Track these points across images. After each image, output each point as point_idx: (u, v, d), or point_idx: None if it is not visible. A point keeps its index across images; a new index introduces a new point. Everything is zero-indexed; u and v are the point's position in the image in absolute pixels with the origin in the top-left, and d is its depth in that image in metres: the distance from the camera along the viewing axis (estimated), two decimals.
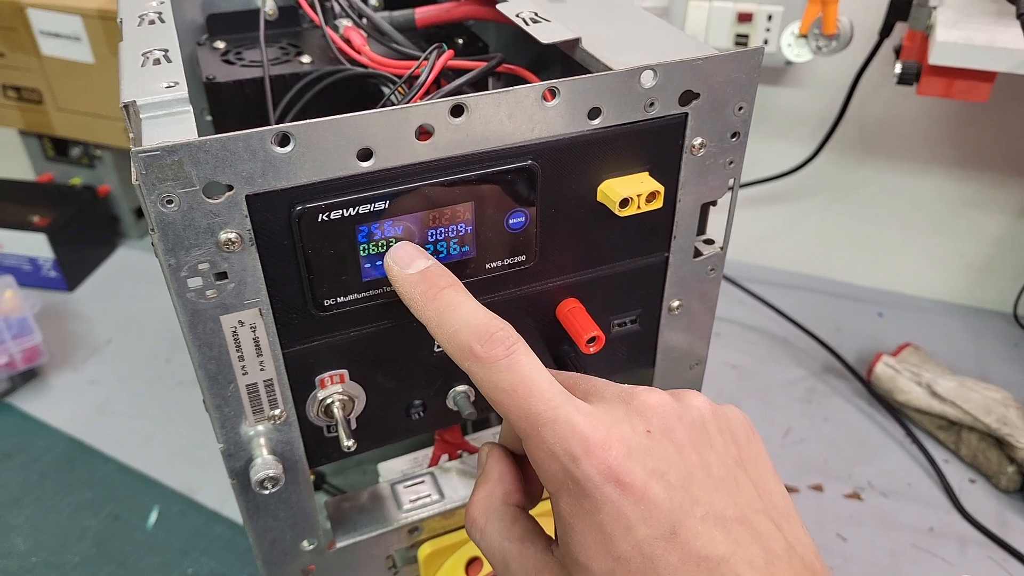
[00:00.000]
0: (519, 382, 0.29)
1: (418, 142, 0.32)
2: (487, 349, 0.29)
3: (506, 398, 0.29)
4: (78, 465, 0.83)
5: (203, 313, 0.32)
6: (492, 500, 0.32)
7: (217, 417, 0.35)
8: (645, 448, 0.28)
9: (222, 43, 0.53)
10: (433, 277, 0.33)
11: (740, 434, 0.31)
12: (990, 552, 0.75)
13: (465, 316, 0.31)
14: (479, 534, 0.32)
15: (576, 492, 0.28)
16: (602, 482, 0.27)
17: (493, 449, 0.34)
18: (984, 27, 0.71)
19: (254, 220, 0.31)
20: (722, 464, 0.29)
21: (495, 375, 0.29)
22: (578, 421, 0.28)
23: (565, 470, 0.28)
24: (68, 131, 1.08)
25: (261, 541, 0.40)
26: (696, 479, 0.28)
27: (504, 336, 0.30)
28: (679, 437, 0.29)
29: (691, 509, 0.27)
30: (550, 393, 0.29)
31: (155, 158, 0.28)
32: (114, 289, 1.09)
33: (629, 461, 0.27)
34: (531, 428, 0.28)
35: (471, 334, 0.30)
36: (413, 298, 0.33)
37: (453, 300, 0.32)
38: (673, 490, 0.27)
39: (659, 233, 0.40)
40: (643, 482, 0.27)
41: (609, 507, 0.27)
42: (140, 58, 0.36)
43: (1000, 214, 0.98)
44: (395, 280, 0.33)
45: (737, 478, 0.29)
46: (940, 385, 0.85)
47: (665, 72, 0.35)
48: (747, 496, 0.28)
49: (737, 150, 0.38)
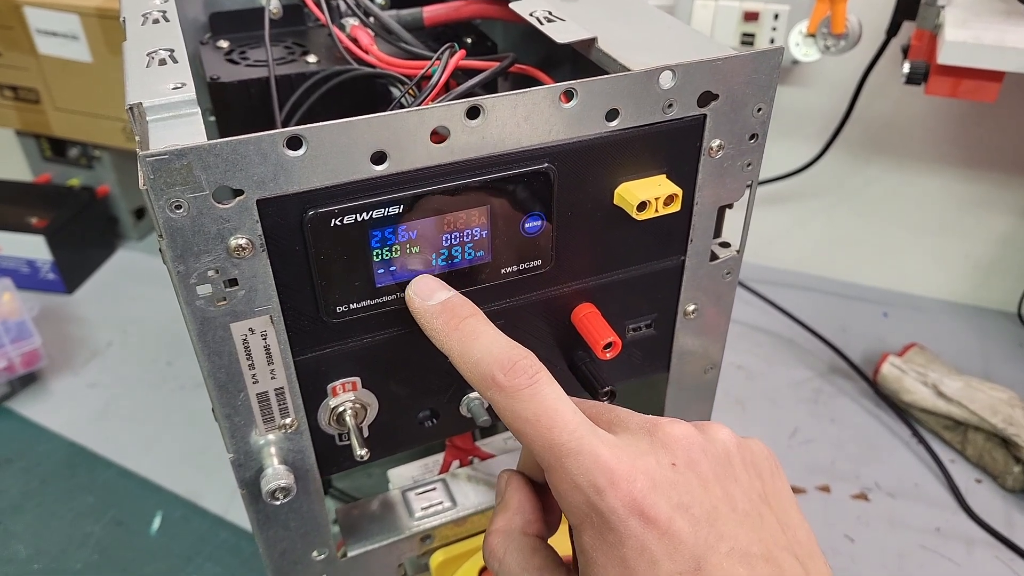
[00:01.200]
0: (542, 412, 0.28)
1: (433, 145, 0.32)
2: (510, 378, 0.29)
3: (529, 428, 0.28)
4: (79, 470, 0.82)
5: (213, 321, 0.31)
6: (511, 530, 0.32)
7: (227, 427, 0.34)
8: (670, 481, 0.27)
9: (225, 42, 0.52)
10: (455, 307, 0.32)
11: (764, 468, 0.30)
12: (997, 552, 0.74)
13: (487, 345, 0.30)
14: (497, 564, 0.31)
15: (600, 525, 0.27)
16: (626, 515, 0.26)
17: (512, 477, 0.34)
18: (993, 26, 0.70)
19: (265, 225, 0.30)
20: (747, 499, 0.28)
21: (518, 404, 0.29)
22: (602, 452, 0.27)
23: (589, 502, 0.27)
24: (66, 131, 1.07)
25: (271, 552, 0.39)
26: (721, 514, 0.27)
27: (527, 365, 0.29)
28: (704, 471, 0.28)
29: (716, 544, 0.26)
30: (574, 423, 0.28)
31: (164, 162, 0.28)
32: (113, 291, 1.08)
33: (654, 494, 0.27)
34: (554, 459, 0.28)
35: (493, 363, 0.29)
36: (435, 329, 0.32)
37: (475, 329, 0.31)
38: (698, 525, 0.27)
39: (675, 236, 0.39)
40: (668, 516, 0.26)
41: (633, 541, 0.26)
42: (145, 58, 0.35)
43: (1006, 214, 0.98)
44: (417, 312, 0.33)
45: (762, 513, 0.28)
46: (946, 385, 0.84)
47: (684, 73, 0.34)
48: (771, 532, 0.28)
49: (755, 152, 0.38)
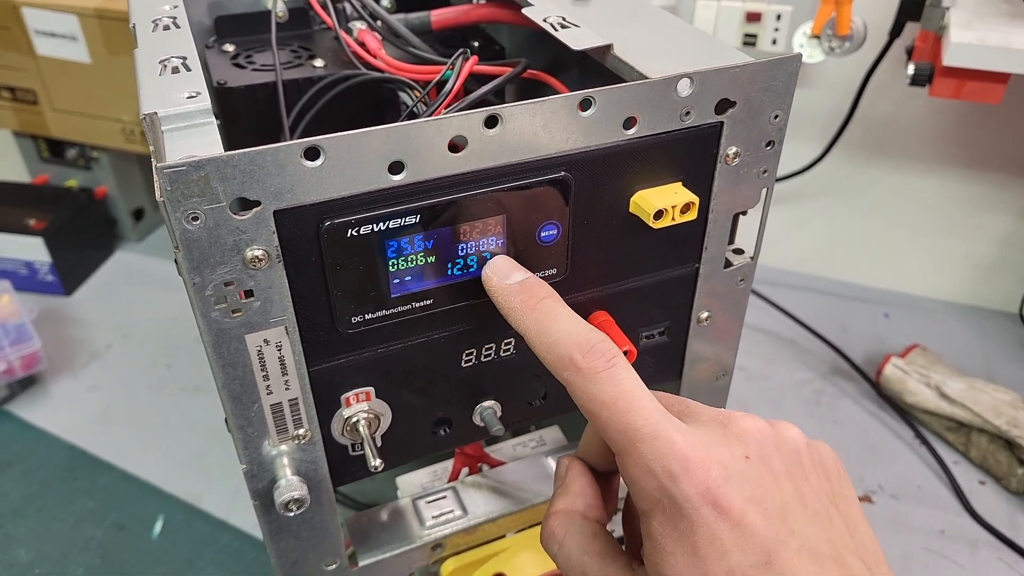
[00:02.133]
0: (619, 395, 0.28)
1: (450, 154, 0.31)
2: (588, 360, 0.29)
3: (605, 411, 0.28)
4: (80, 474, 0.82)
5: (228, 332, 0.31)
6: (572, 514, 0.32)
7: (240, 438, 0.34)
8: (743, 473, 0.27)
9: (231, 46, 0.52)
10: (532, 288, 0.33)
11: (832, 471, 0.30)
12: (1001, 554, 0.74)
13: (565, 326, 0.30)
14: (557, 546, 0.31)
15: (672, 511, 0.27)
16: (700, 503, 0.26)
17: (574, 462, 0.34)
18: (998, 28, 0.70)
19: (282, 236, 0.30)
20: (816, 498, 0.28)
21: (595, 386, 0.29)
22: (677, 439, 0.27)
23: (662, 488, 0.27)
24: (64, 132, 1.07)
25: (283, 562, 0.38)
26: (792, 510, 0.27)
27: (605, 348, 0.29)
28: (776, 466, 0.28)
29: (787, 540, 0.26)
30: (650, 409, 0.28)
31: (181, 174, 0.27)
32: (112, 293, 1.08)
33: (727, 485, 0.27)
34: (629, 443, 0.28)
35: (572, 344, 0.29)
36: (512, 307, 0.33)
37: (553, 310, 0.31)
38: (770, 519, 0.27)
39: (690, 244, 0.39)
40: (740, 507, 0.26)
41: (705, 529, 0.26)
42: (157, 66, 0.34)
43: (1007, 215, 0.98)
44: (494, 290, 0.34)
45: (830, 514, 0.28)
46: (949, 387, 0.84)
47: (702, 80, 0.34)
48: (840, 534, 0.28)
49: (771, 159, 0.37)
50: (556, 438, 0.52)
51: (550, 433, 0.53)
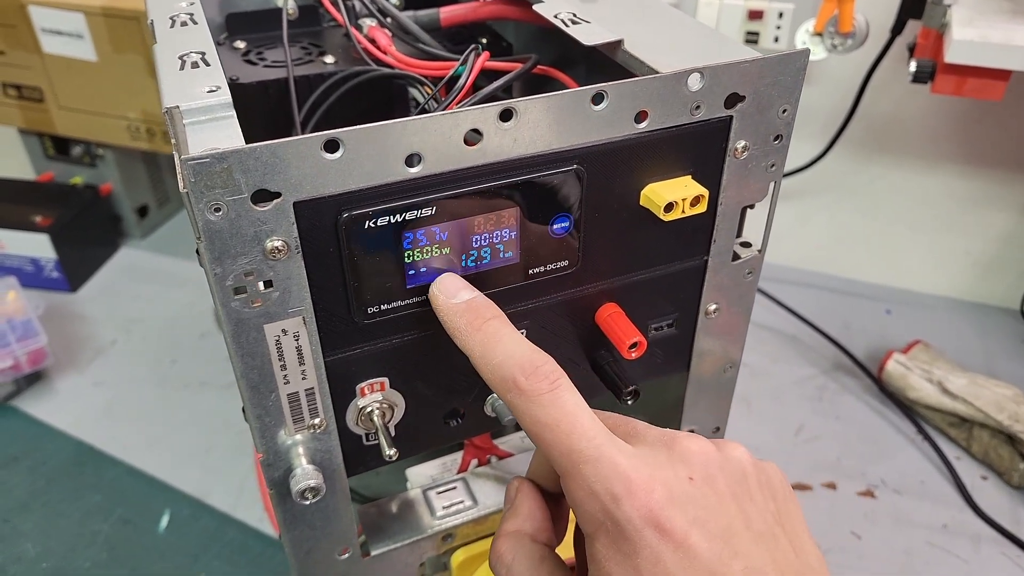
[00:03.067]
0: (562, 417, 0.28)
1: (466, 147, 0.32)
2: (531, 382, 0.29)
3: (548, 433, 0.28)
4: (86, 469, 0.82)
5: (247, 322, 0.32)
6: (520, 536, 0.32)
7: (257, 427, 0.35)
8: (687, 495, 0.27)
9: (242, 43, 0.52)
10: (478, 308, 0.32)
11: (778, 491, 0.30)
12: (1004, 549, 0.75)
13: (509, 348, 0.30)
14: (505, 570, 0.31)
15: (615, 534, 0.27)
16: (642, 525, 0.26)
17: (523, 484, 0.34)
18: (1000, 25, 0.71)
19: (301, 227, 0.31)
20: (762, 519, 0.28)
21: (537, 409, 0.28)
22: (621, 461, 0.27)
23: (605, 510, 0.27)
24: (69, 130, 1.07)
25: (297, 551, 0.39)
26: (736, 531, 0.27)
27: (548, 370, 0.29)
28: (720, 487, 0.28)
29: (730, 562, 0.26)
30: (593, 431, 0.28)
31: (204, 166, 0.28)
32: (117, 289, 1.08)
33: (670, 507, 0.27)
34: (571, 465, 0.28)
35: (515, 366, 0.29)
36: (458, 327, 0.32)
37: (498, 331, 0.31)
38: (713, 540, 0.26)
39: (699, 237, 0.40)
40: (684, 530, 0.26)
41: (648, 552, 0.26)
42: (177, 61, 0.35)
43: (1007, 211, 0.99)
44: (440, 309, 0.33)
45: (776, 534, 0.28)
46: (951, 382, 0.85)
47: (712, 75, 0.34)
48: (784, 554, 0.28)
49: (779, 153, 0.38)
50: None
51: None
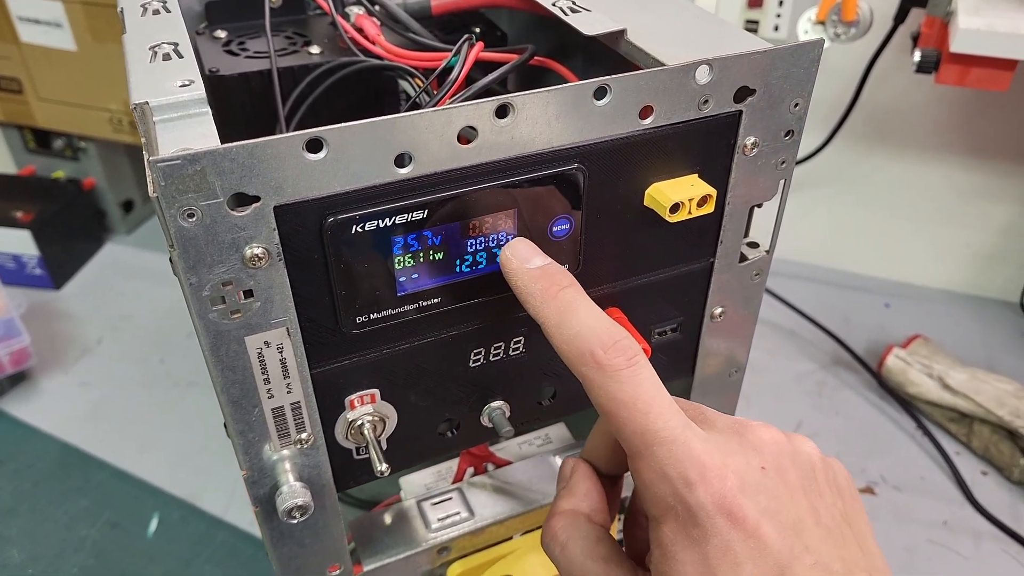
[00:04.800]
0: (639, 395, 0.27)
1: (460, 145, 0.30)
2: (610, 356, 0.28)
3: (623, 410, 0.27)
4: (72, 472, 0.80)
5: (227, 335, 0.30)
6: (576, 517, 0.31)
7: (240, 443, 0.33)
8: (759, 484, 0.27)
9: (223, 32, 0.50)
10: (554, 275, 0.31)
11: (845, 489, 0.30)
12: (1004, 546, 0.74)
13: (587, 319, 0.29)
14: (559, 548, 0.30)
15: (685, 519, 0.26)
16: (714, 512, 0.26)
17: (579, 464, 0.33)
18: (1006, 14, 0.69)
19: (282, 233, 0.29)
20: (830, 515, 0.28)
21: (614, 384, 0.27)
22: (696, 446, 0.27)
23: (677, 494, 0.26)
24: (50, 122, 1.04)
25: (286, 569, 0.37)
26: (806, 526, 0.27)
27: (627, 345, 0.28)
28: (791, 479, 0.28)
29: (801, 555, 0.26)
30: (669, 412, 0.27)
31: (175, 168, 0.26)
32: (103, 286, 1.06)
33: (743, 495, 0.26)
34: (645, 446, 0.27)
35: (593, 338, 0.28)
36: (532, 294, 0.31)
37: (574, 300, 0.30)
38: (784, 533, 0.26)
39: (705, 238, 0.38)
40: (755, 519, 0.26)
41: (718, 539, 0.26)
42: (148, 53, 0.33)
43: (1008, 203, 0.97)
44: (514, 274, 0.32)
45: (844, 533, 0.28)
46: (952, 377, 0.84)
47: (721, 67, 0.32)
48: (852, 553, 0.27)
49: (790, 149, 0.36)
50: (562, 436, 0.51)
51: (556, 431, 0.52)
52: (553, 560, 0.31)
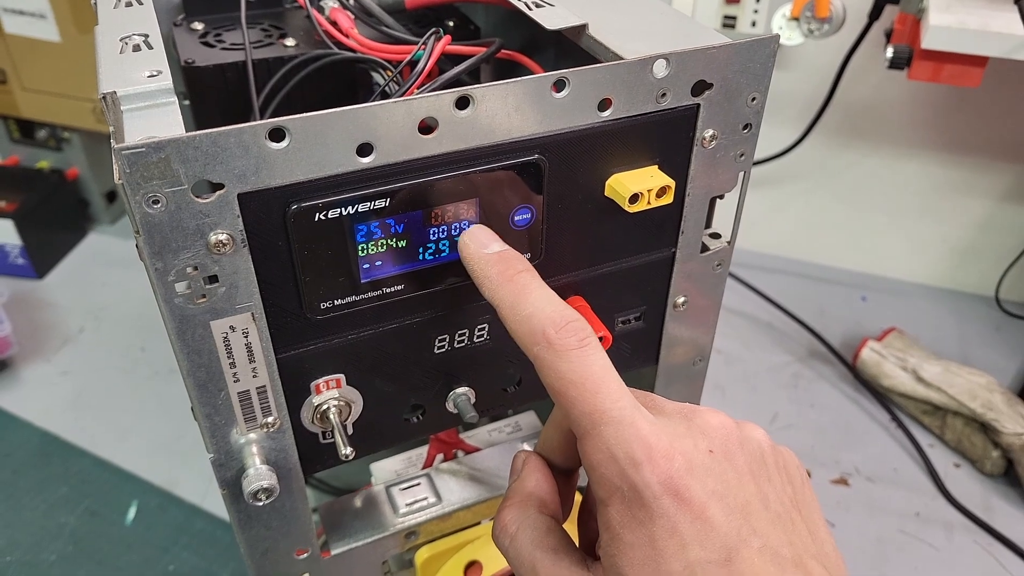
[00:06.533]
0: (588, 375, 0.27)
1: (421, 136, 0.31)
2: (561, 336, 0.28)
3: (572, 390, 0.27)
4: (52, 460, 0.80)
5: (192, 319, 0.30)
6: (526, 508, 0.31)
7: (207, 426, 0.33)
8: (706, 467, 0.27)
9: (200, 24, 0.50)
10: (510, 259, 0.31)
11: (795, 475, 0.30)
12: (976, 537, 0.75)
13: (540, 301, 0.29)
14: (508, 540, 0.30)
15: (631, 499, 0.26)
16: (661, 492, 0.26)
17: (531, 457, 0.33)
18: (977, 11, 0.70)
19: (246, 220, 0.29)
20: (779, 501, 0.28)
21: (564, 364, 0.28)
22: (643, 426, 0.27)
23: (623, 474, 0.26)
24: (34, 112, 1.04)
25: (253, 552, 0.38)
26: (754, 509, 0.27)
27: (579, 327, 0.28)
28: (740, 463, 0.28)
29: (748, 538, 0.26)
30: (618, 393, 0.27)
31: (140, 155, 0.26)
32: (85, 276, 1.06)
33: (690, 476, 0.26)
34: (592, 425, 0.27)
35: (546, 319, 0.28)
36: (488, 276, 0.31)
37: (529, 283, 0.30)
38: (732, 514, 0.26)
39: (666, 228, 0.39)
40: (702, 500, 0.26)
41: (664, 520, 0.26)
42: (118, 44, 0.33)
43: (984, 198, 0.98)
44: (471, 258, 0.32)
45: (793, 518, 0.28)
46: (925, 370, 0.85)
47: (678, 61, 0.33)
48: (802, 538, 0.27)
49: (749, 142, 0.37)
50: (532, 423, 0.52)
51: (526, 419, 0.53)
52: (503, 551, 0.31)
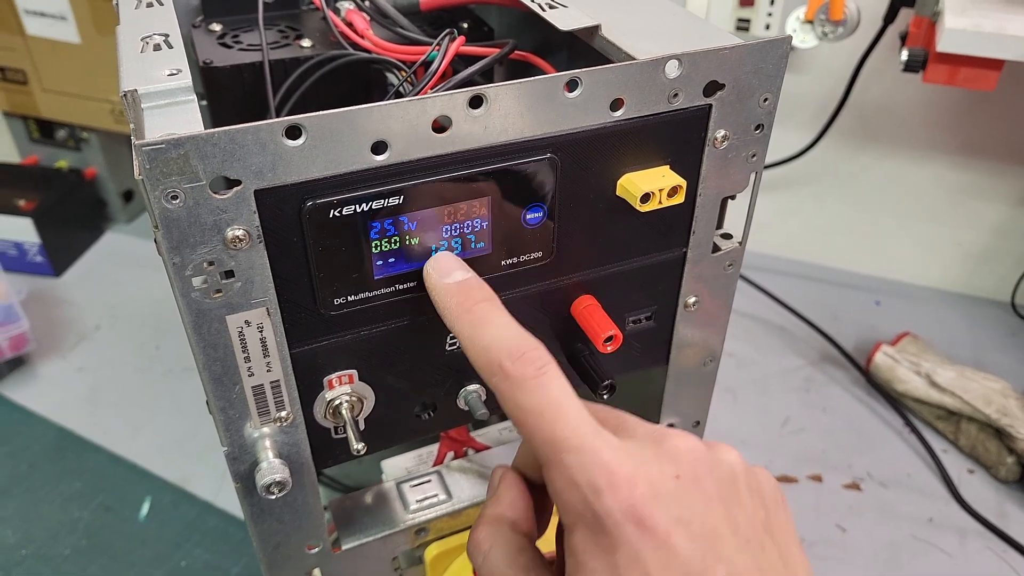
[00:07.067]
0: (546, 404, 0.27)
1: (435, 135, 0.31)
2: (517, 367, 0.28)
3: (531, 419, 0.27)
4: (67, 455, 0.81)
5: (208, 313, 0.31)
6: (500, 526, 0.31)
7: (221, 420, 0.34)
8: (671, 493, 0.26)
9: (218, 25, 0.51)
10: (470, 289, 0.32)
11: (769, 498, 0.29)
12: (989, 543, 0.75)
13: (498, 331, 0.29)
14: (481, 558, 0.30)
15: (593, 527, 0.26)
16: (623, 520, 0.25)
17: (507, 473, 0.33)
18: (993, 14, 0.70)
19: (263, 216, 0.30)
20: (749, 525, 0.27)
21: (522, 395, 0.28)
22: (604, 453, 0.26)
23: (585, 502, 0.26)
24: (54, 113, 1.06)
25: (265, 545, 0.38)
26: (721, 536, 0.26)
27: (536, 356, 0.28)
28: (708, 489, 0.27)
29: (713, 566, 0.25)
30: (577, 420, 0.27)
31: (160, 151, 0.27)
32: (102, 274, 1.07)
33: (653, 503, 0.26)
34: (553, 454, 0.27)
35: (502, 350, 0.28)
36: (448, 308, 0.32)
37: (488, 314, 0.30)
38: (696, 542, 0.26)
39: (678, 228, 0.39)
40: (666, 528, 0.25)
41: (626, 548, 0.25)
42: (139, 43, 0.34)
43: (999, 202, 0.98)
44: (432, 288, 0.33)
45: (763, 543, 0.27)
46: (939, 375, 0.84)
47: (690, 62, 0.33)
48: (772, 563, 0.27)
49: (760, 143, 0.37)
50: None
51: None
52: (476, 568, 0.31)
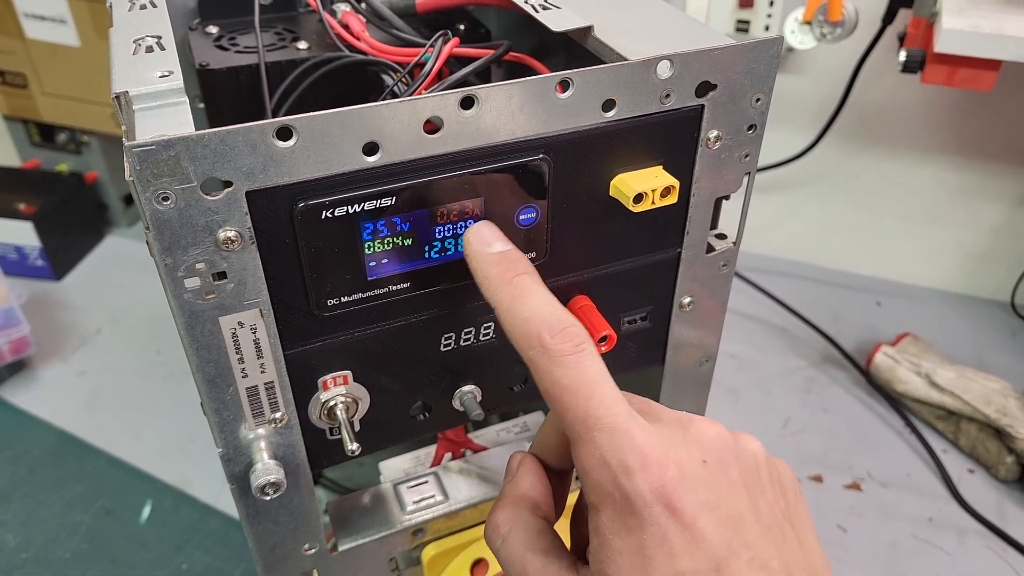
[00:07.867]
0: (583, 381, 0.27)
1: (426, 135, 0.31)
2: (556, 342, 0.28)
3: (567, 395, 0.27)
4: (68, 459, 0.82)
5: (201, 315, 0.31)
6: (519, 508, 0.31)
7: (216, 421, 0.34)
8: (700, 477, 0.27)
9: (215, 28, 0.51)
10: (512, 260, 0.31)
11: (789, 488, 0.30)
12: (989, 543, 0.75)
13: (538, 304, 0.29)
14: (500, 541, 0.30)
15: (622, 507, 0.26)
16: (652, 500, 0.26)
17: (526, 458, 0.33)
18: (991, 15, 0.70)
19: (254, 217, 0.30)
20: (771, 513, 0.28)
21: (559, 369, 0.28)
22: (637, 434, 0.27)
23: (615, 481, 0.26)
24: (54, 116, 1.06)
25: (261, 546, 0.38)
26: (746, 522, 0.27)
27: (575, 333, 0.28)
28: (733, 475, 0.28)
29: (738, 551, 0.26)
30: (612, 400, 0.27)
31: (150, 153, 0.27)
32: (103, 278, 1.07)
33: (682, 487, 0.26)
34: (586, 431, 0.27)
35: (542, 323, 0.28)
36: (488, 276, 0.31)
37: (529, 287, 0.30)
38: (723, 527, 0.26)
39: (672, 228, 0.39)
40: (693, 512, 0.26)
41: (654, 529, 0.26)
42: (132, 45, 0.34)
43: (999, 203, 0.98)
44: (473, 256, 0.32)
45: (784, 531, 0.28)
46: (939, 375, 0.84)
47: (682, 62, 0.33)
48: (792, 551, 0.27)
49: (753, 143, 0.37)
50: (539, 423, 0.52)
51: (534, 418, 0.53)
52: (494, 551, 0.31)
